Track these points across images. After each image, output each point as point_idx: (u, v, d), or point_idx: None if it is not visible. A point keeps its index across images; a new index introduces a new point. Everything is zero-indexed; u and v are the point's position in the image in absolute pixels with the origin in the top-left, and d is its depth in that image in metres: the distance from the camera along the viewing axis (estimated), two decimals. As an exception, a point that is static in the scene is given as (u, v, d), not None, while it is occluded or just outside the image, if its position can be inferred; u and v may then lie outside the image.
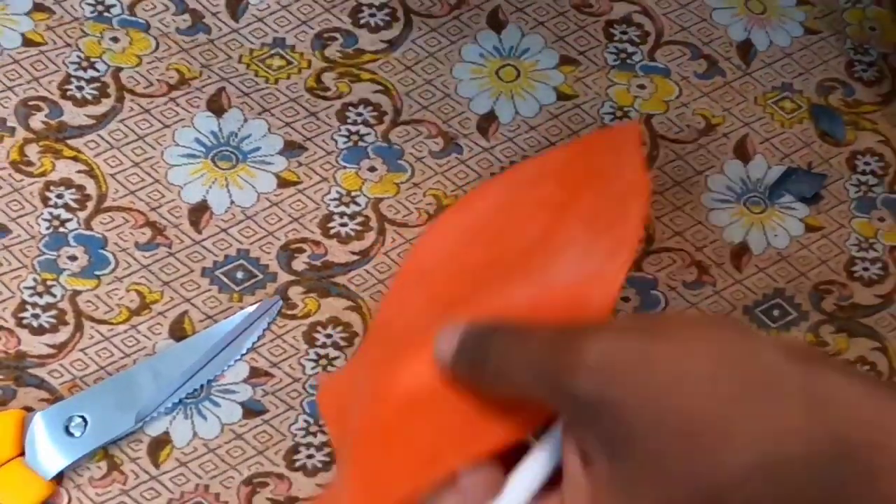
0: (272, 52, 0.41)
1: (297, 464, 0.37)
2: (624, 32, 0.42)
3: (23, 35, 0.40)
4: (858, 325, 0.40)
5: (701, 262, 0.40)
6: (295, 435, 0.37)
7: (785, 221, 0.41)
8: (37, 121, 0.39)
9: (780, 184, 0.41)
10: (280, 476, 0.37)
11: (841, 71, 0.44)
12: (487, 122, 0.41)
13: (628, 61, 0.42)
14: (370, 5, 0.42)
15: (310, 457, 0.37)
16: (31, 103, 0.39)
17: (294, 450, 0.37)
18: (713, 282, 0.40)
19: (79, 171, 0.38)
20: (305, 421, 0.37)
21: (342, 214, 0.39)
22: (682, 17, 0.43)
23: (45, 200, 0.38)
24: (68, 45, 0.40)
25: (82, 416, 0.35)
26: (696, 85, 0.42)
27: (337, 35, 0.41)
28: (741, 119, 0.42)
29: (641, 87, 0.42)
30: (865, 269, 0.41)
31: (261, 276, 0.38)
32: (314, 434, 0.37)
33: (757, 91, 0.42)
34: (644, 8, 0.42)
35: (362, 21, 0.42)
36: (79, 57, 0.40)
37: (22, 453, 0.35)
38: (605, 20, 0.42)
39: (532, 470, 0.24)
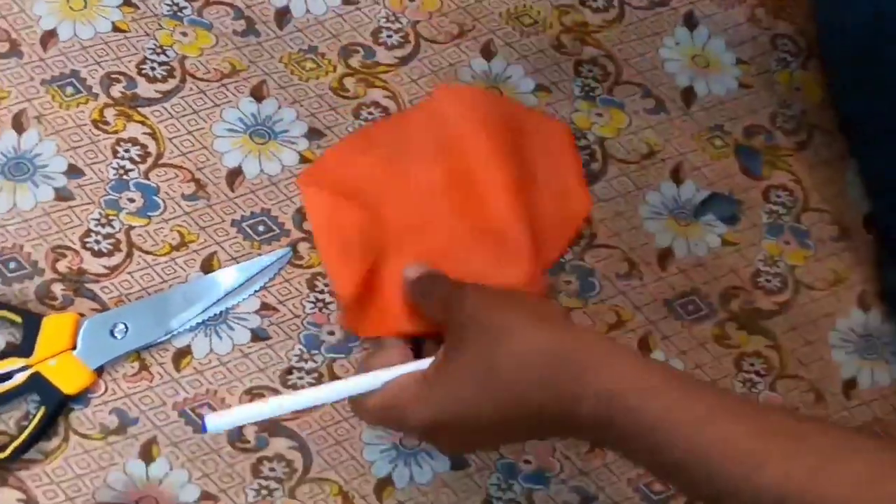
0: (306, 56, 0.45)
1: (290, 382, 0.40)
2: (590, 71, 0.45)
3: (113, 23, 0.44)
4: (757, 326, 0.44)
5: (632, 259, 0.43)
6: (290, 359, 0.40)
7: (705, 235, 0.44)
8: (116, 90, 0.43)
9: (704, 204, 0.44)
10: (274, 390, 0.41)
11: (766, 120, 0.47)
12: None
13: (591, 94, 0.45)
14: (389, 28, 0.46)
15: (300, 378, 0.40)
16: (113, 76, 0.43)
17: (288, 371, 0.40)
18: (640, 276, 0.43)
19: (144, 133, 0.42)
20: (300, 350, 0.41)
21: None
22: (639, 63, 0.46)
23: (114, 153, 0.42)
24: (147, 34, 0.44)
25: (124, 324, 0.39)
26: (644, 118, 0.45)
27: (360, 48, 0.45)
28: (678, 149, 0.45)
29: (599, 115, 0.45)
30: (768, 281, 0.45)
31: (277, 231, 0.42)
32: (306, 361, 0.41)
33: (693, 129, 0.45)
34: (609, 53, 0.46)
35: (381, 40, 0.46)
36: (154, 44, 0.44)
37: (74, 347, 0.39)
38: (576, 59, 0.45)
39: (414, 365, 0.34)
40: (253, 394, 0.39)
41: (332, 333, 0.40)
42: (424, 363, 0.34)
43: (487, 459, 0.40)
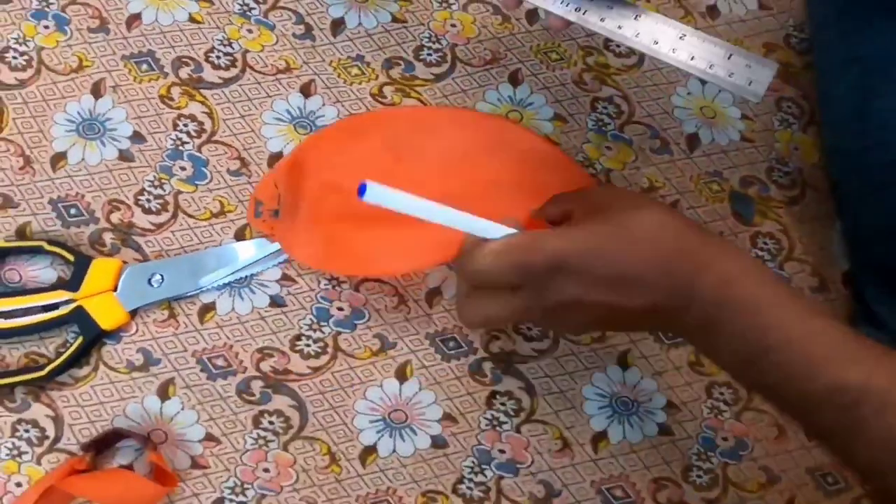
0: (353, 63, 0.50)
1: (297, 347, 0.45)
2: (605, 108, 0.49)
3: (190, 13, 0.49)
4: None
5: None
6: (301, 327, 0.45)
7: None
8: (184, 72, 0.48)
9: None
10: (283, 353, 0.45)
11: (762, 173, 0.51)
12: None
13: (603, 129, 0.49)
14: (430, 47, 0.51)
15: (307, 345, 0.45)
16: (183, 59, 0.48)
17: (297, 337, 0.45)
18: None
19: (202, 112, 0.47)
20: (311, 319, 0.45)
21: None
22: (651, 107, 0.50)
23: (174, 126, 0.47)
24: (218, 27, 0.49)
25: (161, 275, 0.44)
26: (648, 156, 0.49)
27: (401, 62, 0.50)
28: (676, 188, 0.49)
29: (609, 148, 0.49)
30: None
31: None
32: (314, 330, 0.45)
33: (693, 171, 0.49)
34: (625, 95, 0.50)
35: (421, 56, 0.50)
36: (223, 37, 0.49)
37: (115, 289, 0.44)
38: (594, 96, 0.50)
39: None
40: (264, 353, 0.44)
41: (340, 309, 0.45)
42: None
43: (465, 444, 0.44)
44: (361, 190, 0.32)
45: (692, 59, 0.40)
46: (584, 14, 0.40)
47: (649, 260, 0.34)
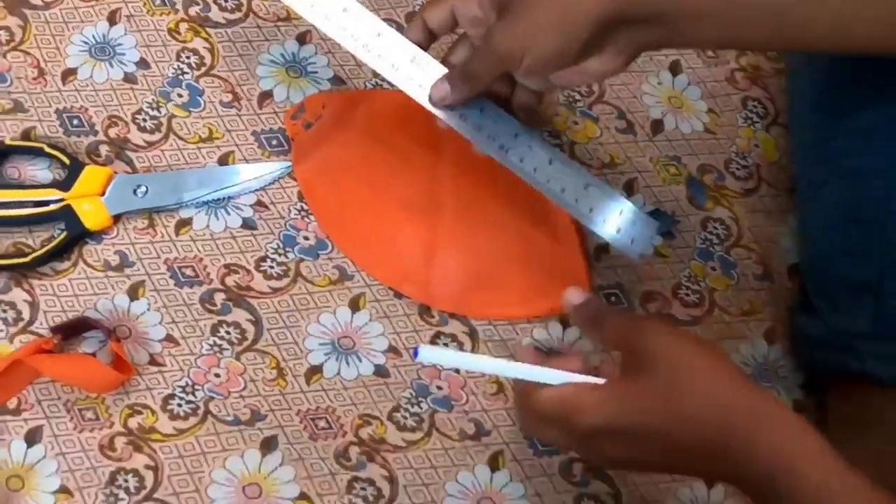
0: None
1: (261, 268, 0.47)
2: (577, 87, 0.54)
3: None
4: None
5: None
6: (268, 250, 0.48)
7: None
8: (193, 10, 0.52)
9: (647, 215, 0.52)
10: (248, 271, 0.47)
11: (720, 164, 0.53)
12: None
13: (573, 105, 0.52)
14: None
15: (271, 267, 0.47)
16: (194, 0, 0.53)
17: (263, 258, 0.48)
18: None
19: (204, 48, 0.51)
20: (278, 244, 0.48)
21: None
22: (621, 91, 0.53)
23: (178, 57, 0.51)
24: None
25: (146, 187, 0.47)
26: (613, 135, 0.52)
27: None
28: (636, 167, 0.52)
29: (576, 122, 0.52)
30: (687, 295, 0.50)
31: (286, 148, 0.50)
32: (279, 255, 0.48)
33: (654, 153, 0.52)
34: (598, 76, 0.55)
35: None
36: None
37: (103, 194, 0.47)
38: (569, 74, 0.55)
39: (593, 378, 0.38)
40: (230, 269, 0.47)
41: (307, 238, 0.48)
42: (601, 380, 0.37)
43: (406, 377, 0.46)
44: (415, 353, 0.36)
45: (562, 190, 0.42)
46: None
47: (698, 433, 0.34)
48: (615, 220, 0.43)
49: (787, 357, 0.49)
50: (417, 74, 0.42)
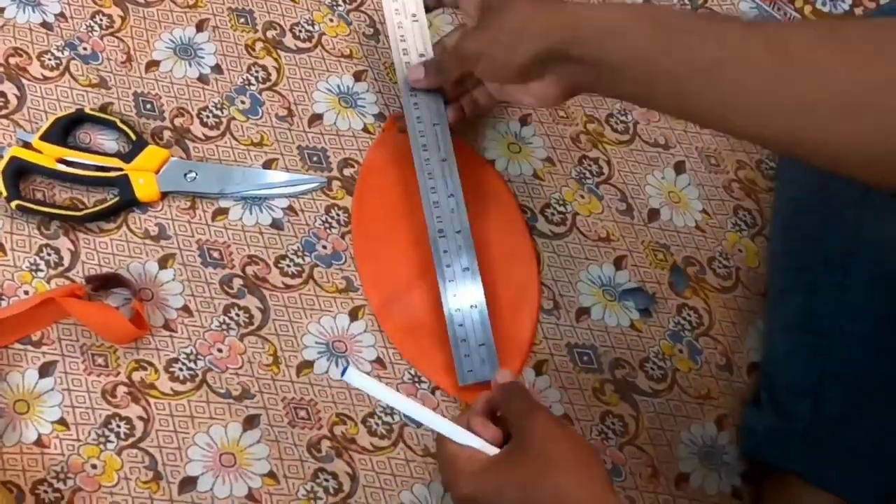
0: (391, 69, 0.62)
1: (280, 265, 0.53)
2: (589, 166, 0.59)
3: None
4: (629, 397, 0.53)
5: (558, 302, 0.55)
6: (288, 251, 0.53)
7: (620, 314, 0.55)
8: (270, 33, 0.59)
9: (629, 292, 0.56)
10: (267, 265, 0.53)
11: (704, 259, 0.59)
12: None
13: (583, 180, 0.59)
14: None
15: (288, 266, 0.53)
16: (273, 24, 0.59)
17: (282, 257, 0.53)
18: (559, 316, 0.54)
19: (273, 66, 0.58)
20: (298, 247, 0.53)
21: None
22: (628, 177, 0.59)
23: (248, 69, 0.58)
24: (308, 10, 0.60)
25: (196, 173, 0.54)
26: (613, 214, 0.58)
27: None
28: (628, 246, 0.57)
29: (582, 196, 0.58)
30: (652, 369, 0.55)
31: (323, 166, 0.56)
32: (298, 256, 0.53)
33: (646, 237, 0.58)
34: (609, 161, 0.59)
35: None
36: (310, 17, 0.60)
37: (157, 172, 0.54)
38: (583, 153, 0.59)
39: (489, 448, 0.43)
40: (252, 259, 0.53)
41: (325, 247, 0.54)
42: (494, 450, 0.42)
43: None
44: (343, 371, 0.40)
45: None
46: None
47: None
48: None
49: (733, 445, 0.54)
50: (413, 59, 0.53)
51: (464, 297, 0.50)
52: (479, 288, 0.50)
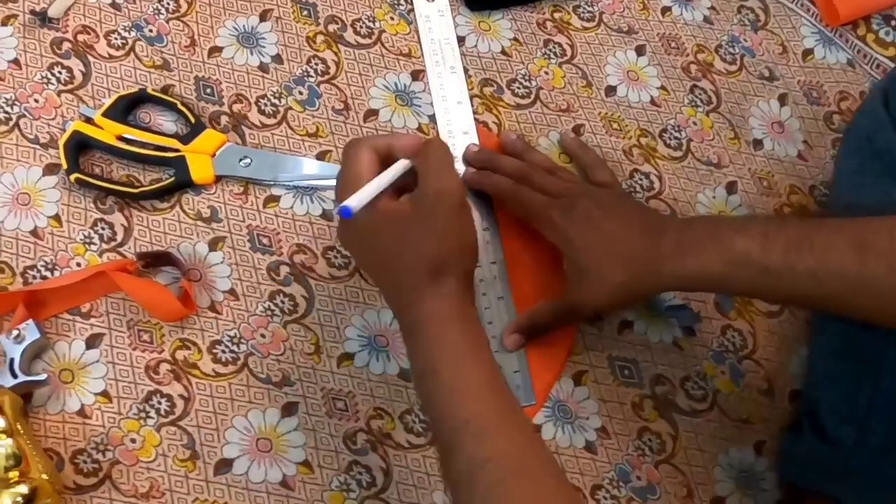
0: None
1: (327, 256, 0.54)
2: (641, 179, 0.59)
3: None
4: (668, 415, 0.54)
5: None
6: (335, 240, 0.54)
7: (663, 330, 0.56)
8: (332, 27, 0.60)
9: (674, 308, 0.56)
10: (315, 255, 0.54)
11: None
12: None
13: (633, 194, 0.60)
14: (519, 82, 0.63)
15: (335, 257, 0.54)
16: (336, 18, 0.60)
17: (330, 248, 0.54)
18: (601, 328, 0.55)
19: (332, 59, 0.59)
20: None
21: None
22: (678, 194, 0.59)
23: (308, 61, 0.59)
24: (370, 7, 0.61)
25: (251, 159, 0.55)
26: None
27: (495, 85, 0.62)
28: None
29: None
30: (693, 388, 0.55)
31: None
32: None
33: None
34: (660, 175, 0.59)
35: (513, 89, 0.63)
36: (370, 14, 0.61)
37: (213, 155, 0.55)
38: (634, 167, 0.59)
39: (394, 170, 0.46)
40: (300, 248, 0.54)
41: (372, 242, 0.55)
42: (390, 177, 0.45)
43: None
44: (347, 212, 0.41)
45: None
46: None
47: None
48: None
49: (770, 472, 0.53)
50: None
51: (498, 324, 0.52)
52: (513, 317, 0.53)
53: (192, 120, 0.55)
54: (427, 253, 0.43)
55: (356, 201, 0.41)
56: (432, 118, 0.59)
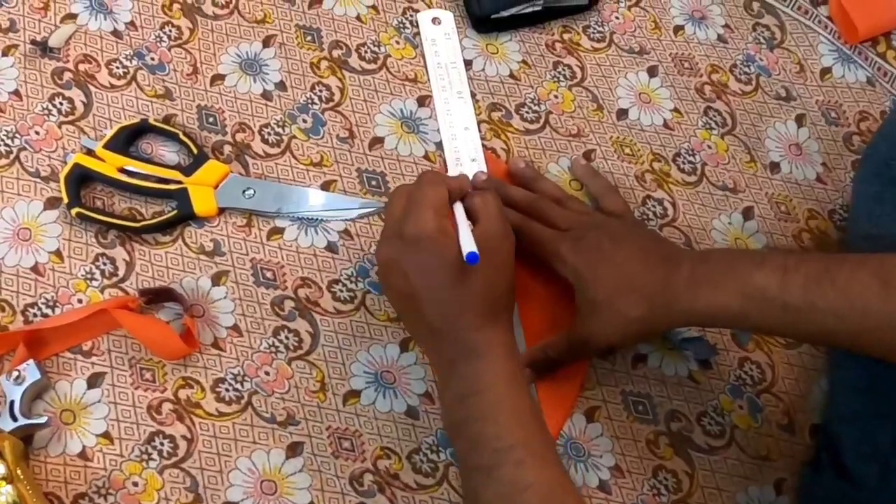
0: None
1: (332, 289, 0.53)
2: (654, 206, 0.58)
3: (359, 13, 0.61)
4: (684, 452, 0.52)
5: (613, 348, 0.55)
6: (341, 275, 0.53)
7: (678, 364, 0.54)
8: (336, 53, 0.59)
9: (689, 341, 0.55)
10: (320, 288, 0.53)
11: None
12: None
13: (645, 221, 0.59)
14: (528, 107, 0.62)
15: (341, 291, 0.53)
16: (340, 43, 0.59)
17: (335, 281, 0.53)
18: (614, 362, 0.53)
19: (337, 86, 0.58)
20: (352, 272, 0.53)
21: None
22: (693, 220, 0.58)
23: (312, 88, 0.58)
24: (375, 31, 0.60)
25: (254, 190, 0.54)
26: None
27: (503, 109, 0.61)
28: None
29: None
30: (710, 424, 0.53)
31: (382, 190, 0.56)
32: (351, 282, 0.53)
33: None
34: (674, 202, 0.58)
35: (521, 114, 0.61)
36: (376, 38, 0.60)
37: (216, 187, 0.54)
38: (647, 194, 0.58)
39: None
40: (305, 282, 0.53)
41: (378, 274, 0.54)
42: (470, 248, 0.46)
43: (434, 423, 0.50)
44: (472, 258, 0.44)
45: None
46: None
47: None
48: None
49: (791, 511, 0.52)
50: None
51: None
52: (523, 350, 0.51)
53: (195, 150, 0.54)
54: (490, 286, 0.45)
55: (475, 246, 0.44)
56: (439, 145, 0.58)
